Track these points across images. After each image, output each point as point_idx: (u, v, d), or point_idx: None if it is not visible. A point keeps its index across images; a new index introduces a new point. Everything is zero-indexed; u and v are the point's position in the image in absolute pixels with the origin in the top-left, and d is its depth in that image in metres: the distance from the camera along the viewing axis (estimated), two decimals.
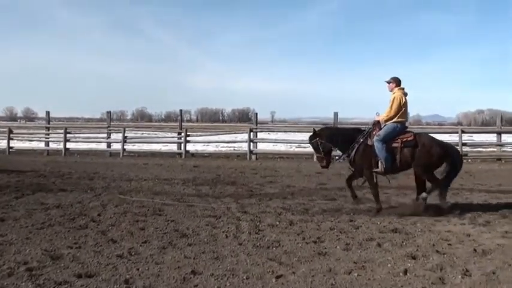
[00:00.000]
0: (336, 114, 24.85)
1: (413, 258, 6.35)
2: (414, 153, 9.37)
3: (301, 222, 8.54)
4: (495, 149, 23.83)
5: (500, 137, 23.83)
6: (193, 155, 25.92)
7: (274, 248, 6.85)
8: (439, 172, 9.59)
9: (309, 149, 25.55)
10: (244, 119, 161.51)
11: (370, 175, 9.70)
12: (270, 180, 14.79)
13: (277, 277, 5.58)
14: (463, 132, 23.21)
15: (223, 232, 7.76)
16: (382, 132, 9.47)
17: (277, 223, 8.44)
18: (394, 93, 9.74)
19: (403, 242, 7.20)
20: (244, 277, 5.59)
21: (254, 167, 19.21)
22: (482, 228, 8.17)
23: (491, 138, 24.80)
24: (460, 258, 6.34)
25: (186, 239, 7.33)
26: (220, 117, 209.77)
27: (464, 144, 22.54)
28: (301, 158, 24.29)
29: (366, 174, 9.74)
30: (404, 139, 9.43)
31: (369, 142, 9.56)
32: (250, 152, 24.30)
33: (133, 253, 6.54)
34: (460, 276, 5.60)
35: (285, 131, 33.20)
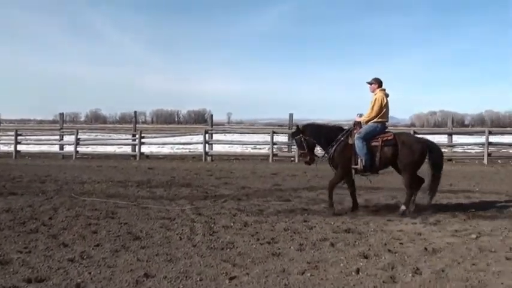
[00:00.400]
0: (291, 115, 25.05)
1: (366, 257, 6.43)
2: (394, 152, 9.50)
3: (256, 223, 8.55)
4: (446, 150, 24.36)
5: (451, 138, 24.38)
6: (148, 156, 25.70)
7: (228, 250, 6.83)
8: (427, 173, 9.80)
9: (265, 150, 25.85)
10: (201, 120, 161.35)
11: (341, 174, 9.76)
12: (225, 181, 14.76)
13: (231, 278, 5.58)
14: (415, 133, 23.60)
15: (177, 234, 7.69)
16: (363, 131, 9.56)
17: (232, 224, 8.43)
18: (375, 94, 9.82)
19: (355, 241, 7.28)
20: (198, 279, 5.56)
21: (209, 169, 19.15)
22: (433, 227, 8.34)
23: (443, 139, 25.35)
24: (411, 257, 6.45)
25: (139, 241, 7.24)
26: (176, 119, 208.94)
27: None
28: (256, 159, 24.36)
29: (339, 172, 9.79)
30: (385, 138, 9.54)
31: (350, 141, 9.62)
32: (206, 153, 24.24)
33: (85, 257, 6.42)
34: (410, 275, 5.70)
35: (240, 133, 33.25)
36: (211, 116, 27.05)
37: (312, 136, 9.93)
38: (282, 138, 25.75)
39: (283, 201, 10.90)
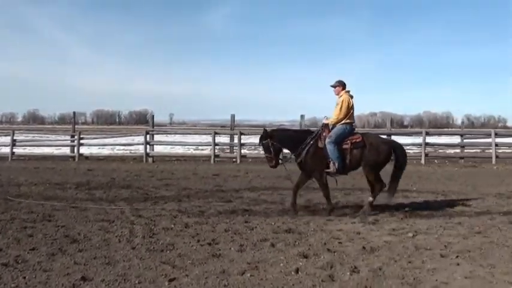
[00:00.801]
0: (232, 116, 25.09)
1: (305, 257, 6.48)
2: (363, 153, 9.66)
3: (197, 224, 8.50)
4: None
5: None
6: (88, 158, 25.26)
7: (168, 251, 6.76)
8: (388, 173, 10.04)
9: (207, 151, 25.78)
10: (142, 121, 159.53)
11: (320, 176, 9.80)
12: (166, 183, 14.63)
13: (170, 280, 5.52)
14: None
15: (116, 236, 7.57)
16: (333, 134, 9.63)
17: (172, 226, 8.35)
18: (341, 96, 9.93)
19: (296, 241, 7.33)
20: (137, 282, 5.48)
21: (150, 170, 18.95)
22: (372, 226, 8.50)
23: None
24: (349, 256, 6.55)
25: (76, 244, 7.08)
26: (117, 120, 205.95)
27: None
28: (198, 160, 24.30)
29: (316, 175, 9.84)
30: (353, 140, 9.69)
31: (320, 144, 9.69)
32: (147, 154, 24.00)
33: (20, 261, 6.23)
34: (348, 273, 5.78)
35: (182, 134, 33.03)
36: (153, 116, 26.82)
37: (280, 140, 9.97)
38: (225, 139, 25.75)
39: (225, 202, 10.89)
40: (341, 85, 10.05)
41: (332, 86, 10.14)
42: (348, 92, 10.02)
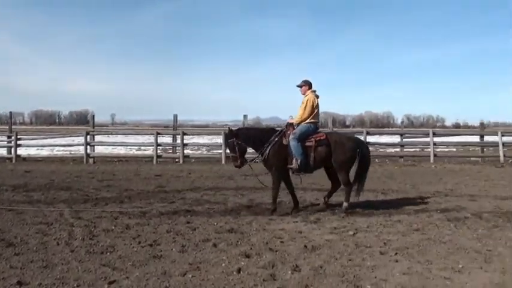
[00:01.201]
0: (175, 116, 24.90)
1: (247, 256, 6.50)
2: (328, 151, 9.80)
3: (138, 225, 8.39)
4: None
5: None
6: (25, 159, 24.60)
7: (108, 254, 6.65)
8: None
9: (149, 152, 25.49)
10: (83, 121, 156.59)
11: (278, 176, 9.87)
12: (108, 184, 14.37)
13: (110, 283, 5.43)
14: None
15: (54, 239, 7.38)
16: (297, 131, 9.74)
17: (113, 228, 8.21)
18: (306, 95, 10.06)
19: (238, 241, 7.33)
20: (75, 285, 5.36)
21: (91, 171, 18.56)
22: (313, 225, 8.59)
23: None
24: (291, 255, 6.60)
25: (13, 248, 6.86)
26: (57, 120, 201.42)
27: None
28: (140, 161, 23.98)
29: (274, 173, 9.88)
30: (318, 138, 9.82)
31: (284, 141, 9.81)
32: (87, 155, 23.53)
33: None
34: (290, 272, 5.83)
35: (124, 134, 32.51)
36: (93, 116, 26.30)
37: (245, 139, 9.97)
38: (167, 139, 25.51)
39: (167, 203, 10.78)
40: (307, 85, 10.19)
41: (298, 86, 10.27)
42: (314, 91, 10.16)
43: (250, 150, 10.16)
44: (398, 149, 25.69)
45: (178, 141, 23.76)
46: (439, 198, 11.55)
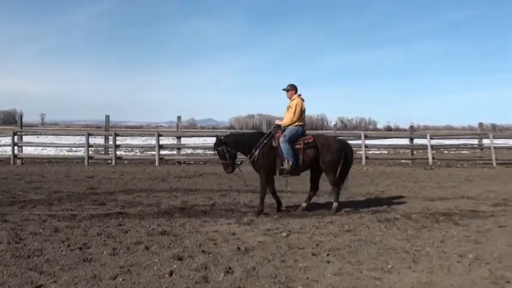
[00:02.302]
0: (107, 117, 24.46)
1: (180, 259, 6.43)
2: (316, 153, 10.16)
3: (68, 228, 8.15)
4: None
5: None
6: None
7: (35, 257, 6.43)
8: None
9: (80, 153, 24.92)
10: (11, 121, 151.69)
11: (265, 177, 10.00)
12: (36, 186, 13.91)
13: (37, 287, 5.26)
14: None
15: None
16: (287, 134, 9.99)
17: (41, 231, 7.94)
18: (293, 99, 10.31)
19: (170, 243, 7.24)
20: None
21: (19, 173, 17.91)
22: (247, 226, 8.60)
23: None
24: (224, 257, 6.57)
25: None
26: None
27: None
28: (71, 162, 23.35)
29: (262, 175, 10.01)
30: (306, 141, 10.18)
31: (274, 144, 10.05)
32: (15, 156, 22.70)
33: None
34: (222, 274, 5.80)
35: (54, 134, 31.69)
36: (21, 116, 25.50)
37: (234, 146, 10.10)
38: (100, 140, 25.01)
39: (98, 205, 10.54)
40: (293, 89, 10.47)
41: (285, 90, 10.51)
42: (300, 95, 10.41)
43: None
44: None
45: (111, 142, 23.31)
46: (371, 200, 11.78)
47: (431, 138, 24.68)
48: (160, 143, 23.47)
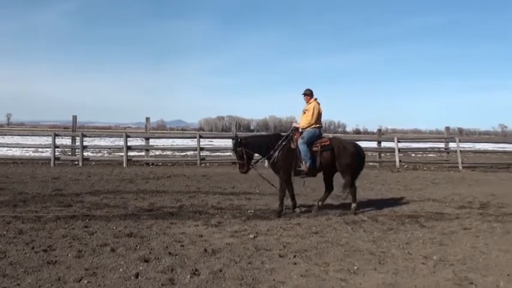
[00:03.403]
0: (74, 117, 24.17)
1: (146, 261, 6.40)
2: (332, 156, 10.50)
3: (32, 230, 8.04)
4: (230, 153, 25.27)
5: None
6: None
7: None
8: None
9: (46, 154, 24.57)
10: None
11: (286, 177, 10.24)
12: (0, 187, 13.64)
13: None
14: (201, 137, 24.22)
15: None
16: (305, 136, 10.43)
17: (5, 233, 7.81)
18: (310, 103, 10.76)
19: (137, 245, 7.20)
20: None
21: None
22: (214, 228, 8.59)
23: (230, 143, 26.24)
24: (190, 259, 6.57)
25: None
26: None
27: (202, 149, 23.53)
28: (37, 163, 22.97)
29: (283, 176, 10.28)
30: (322, 143, 10.54)
31: (292, 146, 10.41)
32: None
33: None
34: (189, 276, 5.80)
35: (20, 135, 31.22)
36: None
37: (252, 147, 10.50)
38: (66, 141, 24.69)
39: (64, 207, 10.41)
40: (311, 93, 10.91)
41: (304, 94, 10.95)
42: (316, 99, 10.85)
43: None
44: None
45: (78, 143, 23.03)
46: (338, 202, 11.84)
47: (398, 142, 25.03)
48: (129, 144, 23.28)
